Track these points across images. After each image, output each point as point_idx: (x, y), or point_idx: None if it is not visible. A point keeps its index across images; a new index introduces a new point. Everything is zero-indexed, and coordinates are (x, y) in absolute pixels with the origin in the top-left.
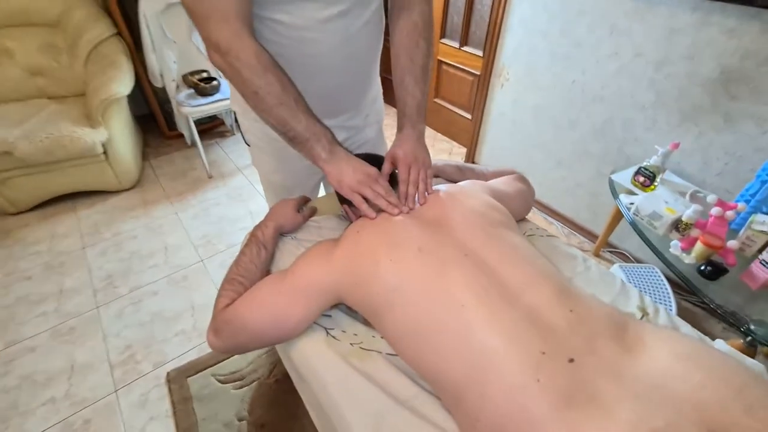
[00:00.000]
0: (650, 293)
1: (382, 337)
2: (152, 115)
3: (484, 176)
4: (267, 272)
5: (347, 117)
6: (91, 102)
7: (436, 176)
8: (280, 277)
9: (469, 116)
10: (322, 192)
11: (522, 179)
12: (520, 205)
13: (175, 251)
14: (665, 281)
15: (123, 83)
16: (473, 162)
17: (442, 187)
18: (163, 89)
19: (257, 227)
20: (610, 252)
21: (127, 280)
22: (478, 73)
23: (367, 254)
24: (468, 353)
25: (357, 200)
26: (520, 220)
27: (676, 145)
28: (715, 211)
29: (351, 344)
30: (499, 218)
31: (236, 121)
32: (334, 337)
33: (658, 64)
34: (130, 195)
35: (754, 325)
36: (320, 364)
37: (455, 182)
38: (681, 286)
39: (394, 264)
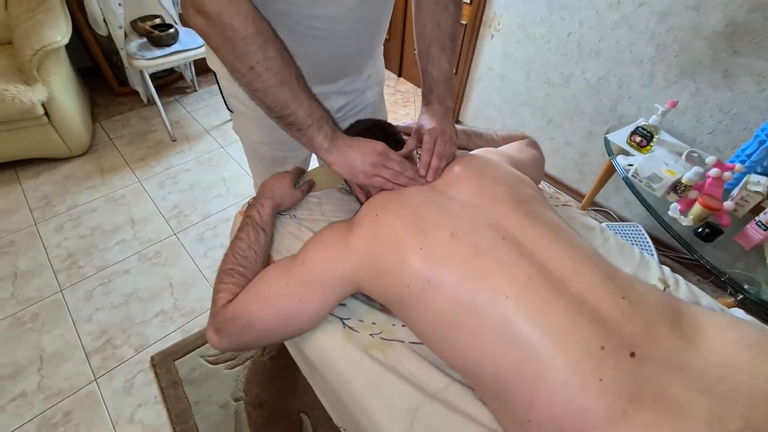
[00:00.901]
0: None
1: (403, 325)
2: (97, 68)
3: (495, 142)
4: (268, 258)
5: (348, 81)
6: (22, 53)
7: None
8: (288, 266)
9: None
10: (313, 163)
11: (534, 144)
12: (535, 173)
13: (144, 225)
14: (648, 238)
15: (59, 30)
16: (457, 122)
17: (460, 157)
18: (109, 38)
19: (251, 207)
20: (595, 211)
21: (92, 258)
22: (464, 22)
23: (391, 241)
24: (514, 348)
25: (379, 183)
26: None
27: (675, 104)
28: (713, 172)
29: (371, 335)
30: (530, 193)
31: (217, 82)
32: (351, 328)
33: (662, 15)
34: (83, 162)
35: (747, 285)
36: (339, 359)
37: (464, 149)
38: (662, 242)
39: (425, 253)
